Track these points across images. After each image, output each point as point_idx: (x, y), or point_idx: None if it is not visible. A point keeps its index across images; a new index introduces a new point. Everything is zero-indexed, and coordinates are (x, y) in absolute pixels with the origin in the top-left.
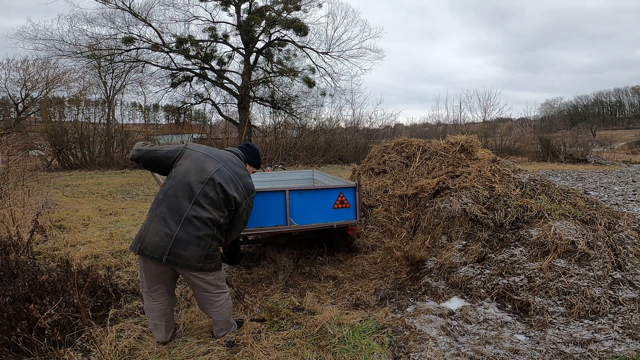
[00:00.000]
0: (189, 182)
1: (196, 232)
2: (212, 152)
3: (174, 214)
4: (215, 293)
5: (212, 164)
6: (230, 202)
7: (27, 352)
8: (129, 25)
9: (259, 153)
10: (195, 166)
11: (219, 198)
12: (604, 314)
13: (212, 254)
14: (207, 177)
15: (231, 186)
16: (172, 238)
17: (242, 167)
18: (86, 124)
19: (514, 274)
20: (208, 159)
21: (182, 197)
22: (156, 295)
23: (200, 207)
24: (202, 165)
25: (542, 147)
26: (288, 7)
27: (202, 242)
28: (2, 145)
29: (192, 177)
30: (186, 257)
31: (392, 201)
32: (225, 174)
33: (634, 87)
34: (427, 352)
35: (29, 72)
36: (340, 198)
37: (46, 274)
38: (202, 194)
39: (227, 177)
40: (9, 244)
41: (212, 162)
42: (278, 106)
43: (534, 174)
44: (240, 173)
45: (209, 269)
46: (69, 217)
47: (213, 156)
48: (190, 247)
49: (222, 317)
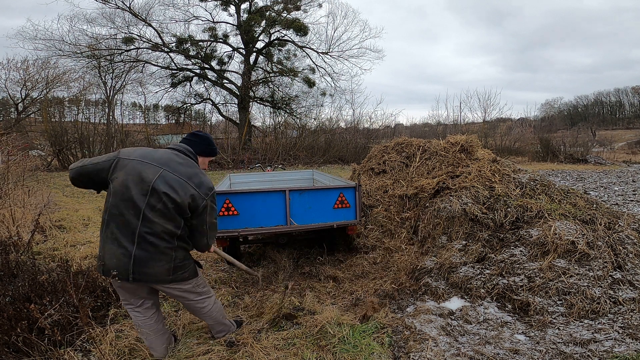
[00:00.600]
0: (131, 197)
1: (154, 248)
2: (149, 155)
3: (125, 233)
4: (199, 300)
5: (152, 171)
6: (184, 209)
7: (27, 352)
8: (129, 25)
9: (208, 139)
10: (133, 178)
11: (168, 208)
12: (604, 314)
13: (180, 264)
14: (148, 188)
15: (180, 192)
16: (130, 258)
17: (190, 165)
18: (86, 124)
19: (514, 274)
20: (146, 166)
21: (128, 215)
22: (143, 310)
23: (150, 222)
24: (141, 175)
25: (542, 147)
26: (288, 7)
27: (164, 256)
28: (2, 145)
29: (132, 191)
30: (152, 273)
31: (392, 201)
32: (169, 179)
33: (634, 87)
34: (427, 352)
35: (29, 72)
36: (340, 198)
37: (46, 274)
38: (149, 207)
39: (172, 182)
40: (9, 244)
41: (151, 168)
42: (278, 106)
43: (534, 174)
44: (189, 172)
45: (181, 279)
46: (69, 217)
47: (151, 161)
48: (153, 264)
49: (215, 320)
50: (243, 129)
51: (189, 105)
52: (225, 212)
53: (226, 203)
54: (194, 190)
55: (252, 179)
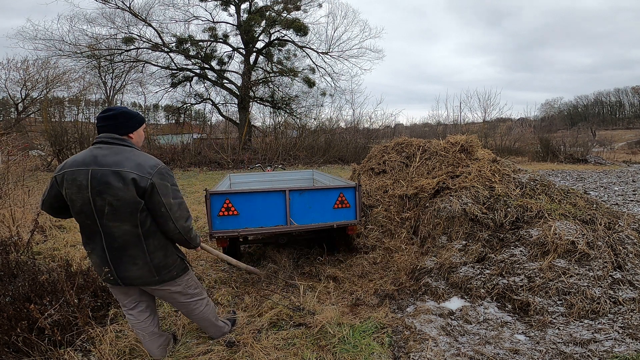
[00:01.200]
0: (81, 209)
1: (124, 253)
2: (74, 161)
3: (95, 243)
4: (191, 302)
5: (83, 176)
6: (132, 201)
7: (27, 352)
8: (129, 25)
9: (123, 114)
10: (72, 190)
11: (115, 207)
12: (604, 314)
13: (161, 264)
14: (88, 194)
15: (117, 183)
16: (110, 264)
17: (117, 152)
18: (86, 124)
19: (514, 274)
20: (76, 173)
21: (88, 227)
22: (136, 313)
23: (107, 227)
24: (76, 183)
25: (542, 147)
26: (288, 7)
27: (137, 259)
28: (2, 145)
29: (78, 202)
30: (135, 277)
31: (392, 201)
32: (101, 175)
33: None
34: (427, 352)
35: (29, 72)
36: (340, 198)
37: (46, 274)
38: (99, 213)
39: (106, 177)
40: (9, 244)
41: (81, 173)
42: (278, 106)
43: (534, 174)
44: (119, 159)
45: (170, 278)
46: None
47: (78, 166)
48: (131, 268)
49: (208, 322)
50: (243, 129)
51: (189, 105)
52: (225, 212)
53: (226, 203)
54: (133, 174)
55: (252, 179)
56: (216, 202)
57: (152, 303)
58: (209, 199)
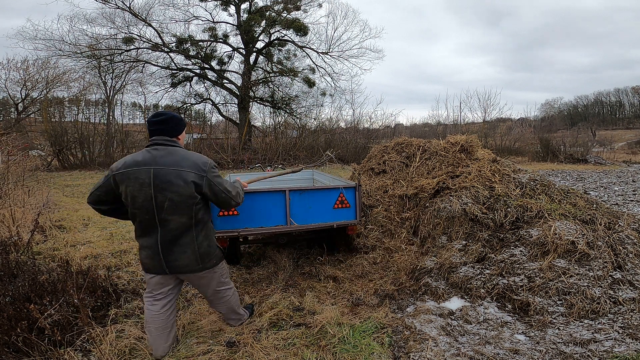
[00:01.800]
0: (142, 205)
1: (176, 243)
2: (135, 162)
3: (149, 235)
4: (221, 290)
5: (144, 174)
6: (191, 196)
7: (27, 352)
8: (129, 25)
9: (171, 119)
10: (134, 187)
11: (175, 203)
12: (604, 314)
13: (205, 252)
14: (150, 191)
15: (178, 182)
16: (160, 255)
17: (173, 153)
18: (86, 124)
19: (514, 274)
20: (137, 172)
21: (146, 221)
22: (161, 304)
23: (165, 221)
24: (138, 181)
25: (542, 147)
26: (288, 7)
27: (187, 248)
28: (2, 145)
29: (139, 198)
30: (182, 265)
31: (392, 201)
32: (163, 175)
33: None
34: (427, 352)
35: (29, 72)
36: (340, 198)
37: (46, 274)
38: (159, 208)
39: (167, 177)
40: (9, 244)
41: (142, 172)
42: (278, 106)
43: (534, 174)
44: (177, 160)
45: (210, 266)
46: (69, 217)
47: (140, 166)
48: (181, 256)
49: (230, 309)
50: (243, 129)
51: (189, 105)
52: (225, 212)
53: None
54: (191, 173)
55: (252, 178)
56: None
57: (177, 295)
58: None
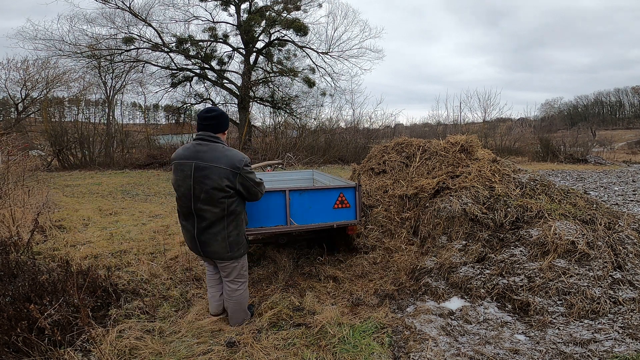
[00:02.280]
0: (183, 193)
1: (209, 231)
2: (182, 154)
3: (188, 222)
4: (239, 282)
5: (187, 167)
6: (225, 190)
7: (27, 352)
8: (129, 25)
9: (219, 116)
10: (179, 177)
11: (210, 195)
12: (604, 314)
13: (234, 241)
14: (190, 182)
15: (215, 177)
16: (196, 240)
17: (214, 149)
18: (86, 124)
19: (514, 274)
20: (183, 165)
21: (185, 208)
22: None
23: (200, 210)
24: (183, 172)
25: (542, 147)
26: (288, 7)
27: (219, 236)
28: (2, 145)
29: (182, 188)
30: (214, 251)
31: (392, 201)
32: (202, 168)
33: (634, 87)
34: (427, 352)
35: (29, 72)
36: (340, 198)
37: (46, 274)
38: (196, 198)
39: (206, 170)
40: (9, 244)
41: (187, 165)
42: (278, 106)
43: (534, 174)
44: (217, 156)
45: (238, 256)
46: (69, 217)
47: (185, 159)
48: (213, 243)
49: (239, 306)
50: (243, 129)
51: (189, 105)
52: None
53: None
54: (228, 169)
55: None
56: None
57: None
58: None
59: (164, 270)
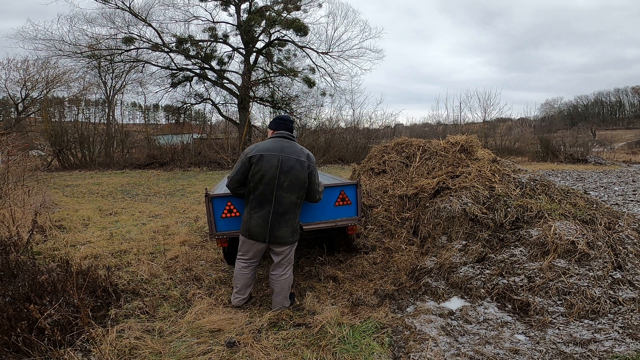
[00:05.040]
0: (267, 182)
1: (283, 216)
2: (268, 148)
3: (263, 208)
4: (289, 265)
5: (274, 159)
6: (305, 180)
7: (27, 352)
8: (129, 25)
9: (293, 119)
10: (265, 167)
11: (293, 184)
12: (604, 314)
13: (296, 227)
14: (277, 172)
15: (299, 168)
16: (268, 225)
17: (293, 146)
18: (86, 124)
19: (514, 274)
20: (270, 156)
21: (265, 195)
22: (250, 266)
23: (280, 197)
24: (270, 163)
25: (542, 147)
26: (288, 7)
27: (289, 222)
28: (2, 145)
29: (267, 176)
30: (281, 236)
31: (392, 201)
32: (287, 161)
33: (634, 87)
34: (427, 352)
35: (29, 72)
36: (341, 195)
37: (46, 274)
38: (279, 186)
39: (291, 163)
40: (9, 244)
41: (274, 157)
42: (278, 106)
43: (534, 174)
44: (298, 151)
45: (294, 240)
46: (69, 217)
47: (272, 152)
48: (284, 229)
49: (285, 290)
50: (243, 129)
51: (189, 105)
52: (227, 213)
53: (228, 205)
54: (307, 162)
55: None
56: (218, 205)
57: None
58: (210, 202)
59: (164, 270)
